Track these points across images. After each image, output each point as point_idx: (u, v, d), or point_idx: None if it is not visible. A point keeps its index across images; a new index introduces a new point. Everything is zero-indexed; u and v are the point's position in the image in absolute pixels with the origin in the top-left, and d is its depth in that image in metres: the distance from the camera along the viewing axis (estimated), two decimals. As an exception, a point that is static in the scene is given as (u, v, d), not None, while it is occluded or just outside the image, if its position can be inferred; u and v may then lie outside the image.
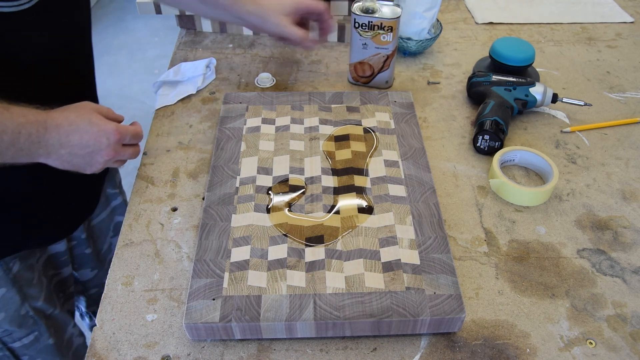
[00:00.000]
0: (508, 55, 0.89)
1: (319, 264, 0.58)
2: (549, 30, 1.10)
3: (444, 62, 0.99)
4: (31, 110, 0.57)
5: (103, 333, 0.57)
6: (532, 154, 0.75)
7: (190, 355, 0.55)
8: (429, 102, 0.89)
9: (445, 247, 0.60)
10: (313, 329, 0.54)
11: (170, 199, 0.71)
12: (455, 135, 0.82)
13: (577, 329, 0.57)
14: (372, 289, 0.56)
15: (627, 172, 0.77)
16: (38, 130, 0.56)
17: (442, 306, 0.54)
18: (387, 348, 0.56)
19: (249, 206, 0.65)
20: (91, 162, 0.62)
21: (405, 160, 0.71)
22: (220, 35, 1.07)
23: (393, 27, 0.83)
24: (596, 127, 0.84)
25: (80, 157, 0.60)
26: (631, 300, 0.60)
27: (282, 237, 0.61)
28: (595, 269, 0.64)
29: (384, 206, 0.65)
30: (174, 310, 0.59)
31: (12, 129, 0.54)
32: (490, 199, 0.72)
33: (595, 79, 0.95)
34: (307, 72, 0.96)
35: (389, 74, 0.90)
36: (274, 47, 1.03)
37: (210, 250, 0.60)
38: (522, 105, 0.82)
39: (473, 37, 1.07)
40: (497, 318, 0.58)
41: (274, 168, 0.70)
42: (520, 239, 0.67)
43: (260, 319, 0.53)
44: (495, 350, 0.55)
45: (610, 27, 1.11)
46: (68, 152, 0.59)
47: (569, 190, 0.74)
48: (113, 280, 0.62)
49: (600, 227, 0.69)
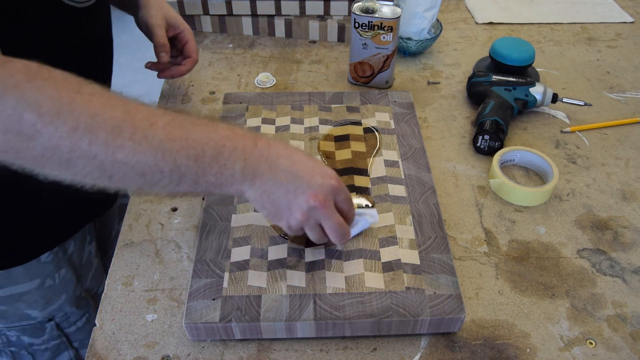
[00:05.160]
0: (508, 55, 0.89)
1: (319, 264, 0.58)
2: (549, 30, 1.10)
3: (444, 62, 0.99)
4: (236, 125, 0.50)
5: (103, 333, 0.57)
6: (532, 154, 0.75)
7: (190, 355, 0.55)
8: (429, 102, 0.89)
9: (445, 247, 0.60)
10: (313, 329, 0.54)
11: (170, 199, 0.71)
12: (455, 135, 0.82)
13: (577, 329, 0.57)
14: (372, 289, 0.56)
15: (627, 172, 0.77)
16: (245, 145, 0.48)
17: (442, 306, 0.54)
18: (387, 348, 0.56)
19: (249, 206, 0.65)
20: (292, 204, 0.49)
21: (405, 160, 0.71)
22: (220, 35, 1.07)
23: (393, 27, 0.83)
24: (596, 127, 0.84)
25: (284, 191, 0.49)
26: (631, 300, 0.60)
27: (282, 237, 0.61)
28: (595, 269, 0.64)
29: (383, 206, 0.65)
30: (174, 310, 0.59)
31: (217, 141, 0.46)
32: (490, 199, 0.72)
33: (595, 79, 0.95)
34: (307, 72, 0.96)
35: (389, 74, 0.90)
36: (274, 47, 1.03)
37: (210, 250, 0.60)
38: (522, 105, 0.82)
39: (473, 37, 1.07)
40: (497, 318, 0.58)
41: (274, 168, 0.70)
42: (520, 239, 0.67)
43: (260, 319, 0.53)
44: (495, 350, 0.55)
45: (610, 27, 1.11)
46: (272, 177, 0.49)
47: (569, 190, 0.74)
48: (113, 280, 0.62)
49: (600, 227, 0.69)
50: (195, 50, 0.78)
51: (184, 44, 0.78)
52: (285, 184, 0.49)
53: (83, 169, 0.43)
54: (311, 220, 0.51)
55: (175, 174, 0.45)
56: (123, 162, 0.43)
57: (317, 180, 0.50)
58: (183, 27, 0.78)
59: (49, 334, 0.78)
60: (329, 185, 0.50)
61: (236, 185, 0.48)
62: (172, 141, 0.45)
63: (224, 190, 0.48)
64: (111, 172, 0.44)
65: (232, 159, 0.47)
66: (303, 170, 0.50)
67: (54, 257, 0.72)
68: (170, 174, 0.45)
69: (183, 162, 0.45)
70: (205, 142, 0.46)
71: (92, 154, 0.42)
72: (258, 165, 0.48)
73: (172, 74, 0.79)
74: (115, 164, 0.43)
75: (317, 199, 0.49)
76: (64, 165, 0.42)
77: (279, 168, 0.49)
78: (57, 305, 0.76)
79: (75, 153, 0.42)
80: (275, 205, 0.50)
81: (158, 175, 0.45)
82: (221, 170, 0.47)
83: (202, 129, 0.47)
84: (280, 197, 0.49)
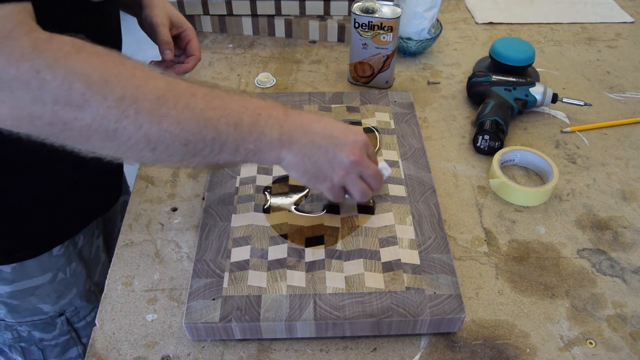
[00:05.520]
0: (508, 55, 0.89)
1: (319, 264, 0.58)
2: (549, 30, 1.10)
3: (444, 62, 0.99)
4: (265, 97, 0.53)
5: (103, 333, 0.57)
6: (532, 154, 0.75)
7: (190, 355, 0.55)
8: (429, 102, 0.89)
9: (445, 247, 0.60)
10: (313, 329, 0.54)
11: (170, 199, 0.71)
12: (455, 135, 0.82)
13: (577, 329, 0.57)
14: (372, 289, 0.56)
15: (627, 172, 0.77)
16: (278, 114, 0.51)
17: (442, 306, 0.54)
18: (387, 348, 0.56)
19: (249, 206, 0.65)
20: (333, 162, 0.53)
21: (405, 160, 0.71)
22: (220, 35, 1.07)
23: (393, 27, 0.83)
24: (596, 127, 0.84)
25: (323, 152, 0.52)
26: (631, 300, 0.60)
27: (282, 237, 0.61)
28: (595, 269, 0.64)
29: (384, 206, 0.65)
30: (174, 310, 0.59)
31: (252, 110, 0.49)
32: (490, 199, 0.72)
33: (595, 79, 0.95)
34: (307, 72, 0.96)
35: (389, 74, 0.90)
36: (274, 47, 1.03)
37: (210, 250, 0.60)
38: (522, 105, 0.82)
39: (473, 37, 1.07)
40: (497, 318, 0.58)
41: (274, 168, 0.70)
42: (520, 239, 0.67)
43: (260, 319, 0.53)
44: (495, 350, 0.55)
45: (610, 27, 1.11)
46: (310, 141, 0.52)
47: (569, 190, 0.74)
48: (113, 280, 0.62)
49: (600, 227, 0.69)
50: (198, 48, 0.79)
51: (186, 43, 0.79)
52: (323, 146, 0.52)
53: (128, 140, 0.44)
54: (352, 174, 0.54)
55: (217, 142, 0.48)
56: (168, 131, 0.45)
57: (351, 137, 0.54)
58: (186, 26, 0.79)
59: (59, 329, 0.79)
60: (362, 140, 0.55)
61: (275, 151, 0.51)
62: (213, 109, 0.47)
63: (262, 157, 0.51)
64: (155, 142, 0.45)
65: (268, 127, 0.50)
66: (336, 130, 0.54)
67: (65, 251, 0.72)
68: (212, 142, 0.47)
69: (224, 129, 0.47)
70: (243, 111, 0.49)
71: (138, 124, 0.43)
72: (293, 131, 0.51)
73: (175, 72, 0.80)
74: (160, 133, 0.45)
75: (354, 154, 0.53)
76: (109, 137, 0.43)
77: (314, 132, 0.52)
78: (68, 300, 0.77)
79: (122, 123, 0.43)
80: (317, 167, 0.53)
81: (201, 144, 0.47)
82: (260, 137, 0.50)
83: (238, 99, 0.50)
84: (321, 157, 0.52)
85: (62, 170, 0.65)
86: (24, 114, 0.41)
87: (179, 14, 0.79)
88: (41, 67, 0.40)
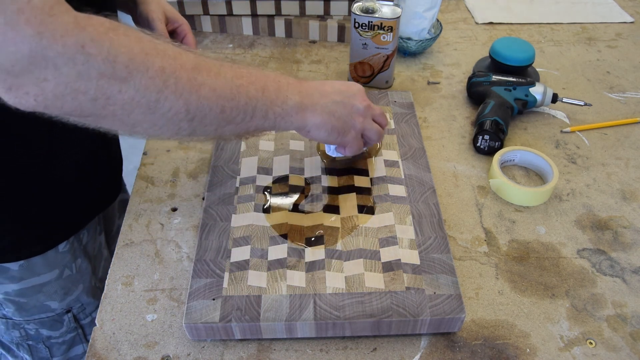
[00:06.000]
0: (508, 55, 0.89)
1: (319, 264, 0.58)
2: (549, 30, 1.10)
3: (444, 62, 0.99)
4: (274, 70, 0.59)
5: (103, 333, 0.57)
6: (532, 154, 0.75)
7: (190, 355, 0.55)
8: (429, 102, 0.89)
9: (445, 247, 0.60)
10: (313, 329, 0.54)
11: (170, 199, 0.71)
12: (455, 135, 0.82)
13: (577, 329, 0.57)
14: (372, 289, 0.56)
15: (627, 172, 0.77)
16: (294, 81, 0.56)
17: (442, 306, 0.54)
18: (387, 348, 0.56)
19: (249, 206, 0.65)
20: (352, 112, 0.60)
21: (405, 160, 0.71)
22: (220, 35, 1.07)
23: (393, 27, 0.83)
24: (596, 127, 0.84)
25: (341, 106, 0.59)
26: (631, 300, 0.60)
27: (282, 237, 0.61)
28: (595, 269, 0.64)
29: (384, 206, 0.65)
30: (174, 310, 0.59)
31: (273, 78, 0.54)
32: (490, 199, 0.72)
33: (595, 79, 0.95)
34: (307, 72, 0.96)
35: (389, 74, 0.90)
36: (274, 47, 1.03)
37: (210, 250, 0.60)
38: (522, 105, 0.82)
39: (473, 37, 1.07)
40: (497, 318, 0.58)
41: (274, 168, 0.70)
42: (520, 239, 0.67)
43: (260, 319, 0.53)
44: (495, 350, 0.55)
45: (610, 27, 1.11)
46: (329, 100, 0.58)
47: (569, 190, 0.74)
48: (113, 280, 0.62)
49: (600, 227, 0.69)
50: (193, 42, 0.80)
51: (182, 38, 0.80)
52: (339, 101, 0.59)
53: (168, 112, 0.46)
54: (368, 118, 0.62)
55: (250, 107, 0.51)
56: (206, 98, 0.48)
57: (354, 87, 0.61)
58: (181, 21, 0.80)
59: (66, 326, 0.79)
60: (362, 88, 0.63)
61: (300, 114, 0.56)
62: (241, 77, 0.51)
63: (288, 121, 0.55)
64: (194, 112, 0.47)
65: (290, 91, 0.55)
66: (342, 86, 0.61)
67: (70, 247, 0.73)
68: (245, 107, 0.51)
69: (254, 94, 0.51)
70: (265, 79, 0.53)
71: (178, 92, 0.45)
72: (312, 94, 0.57)
73: None
74: (199, 101, 0.47)
75: (364, 100, 0.61)
76: (151, 109, 0.45)
77: (327, 92, 0.58)
78: (75, 296, 0.77)
79: (164, 93, 0.45)
80: (342, 120, 0.59)
81: (235, 110, 0.50)
82: (285, 101, 0.54)
83: (257, 70, 0.54)
84: (342, 111, 0.59)
85: (64, 166, 0.66)
86: (67, 90, 0.41)
87: (173, 9, 0.80)
88: (86, 42, 0.40)
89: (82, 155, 0.69)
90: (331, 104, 0.58)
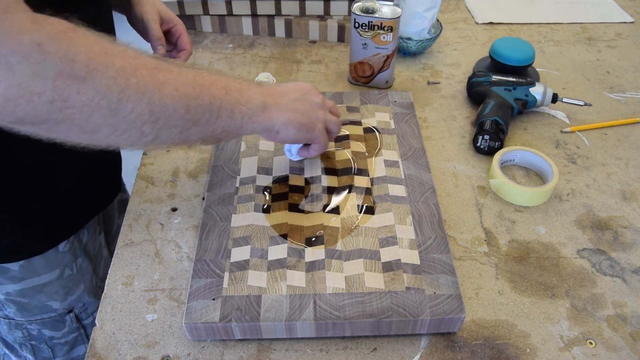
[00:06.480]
0: (508, 55, 0.89)
1: (319, 264, 0.58)
2: (549, 30, 1.10)
3: (444, 62, 0.99)
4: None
5: (103, 333, 0.57)
6: (532, 154, 0.75)
7: (190, 355, 0.55)
8: (429, 102, 0.89)
9: (445, 247, 0.60)
10: (313, 329, 0.54)
11: (170, 199, 0.71)
12: (455, 135, 0.82)
13: (577, 329, 0.57)
14: (372, 289, 0.56)
15: (627, 172, 0.77)
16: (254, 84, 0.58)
17: (442, 306, 0.54)
18: (387, 348, 0.56)
19: (249, 206, 0.65)
20: (313, 105, 0.61)
21: (405, 160, 0.71)
22: (220, 35, 1.07)
23: (393, 27, 0.83)
24: (596, 127, 0.84)
25: (301, 102, 0.60)
26: (631, 300, 0.60)
27: (282, 237, 0.61)
28: (595, 269, 0.64)
29: (384, 206, 0.65)
30: (174, 310, 0.59)
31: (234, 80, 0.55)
32: (490, 199, 0.72)
33: (595, 79, 0.95)
34: (307, 72, 0.96)
35: (389, 74, 0.90)
36: (274, 47, 1.03)
37: (210, 250, 0.60)
38: (522, 105, 0.82)
39: (473, 37, 1.07)
40: (497, 318, 0.58)
41: (274, 168, 0.70)
42: (520, 239, 0.67)
43: (260, 319, 0.53)
44: (495, 350, 0.55)
45: (610, 27, 1.11)
46: (290, 98, 0.59)
47: (569, 190, 0.74)
48: (113, 280, 0.62)
49: (600, 227, 0.69)
50: (188, 42, 0.80)
51: (177, 37, 0.80)
52: (298, 98, 0.60)
53: (131, 113, 0.44)
54: (326, 110, 0.64)
55: (215, 106, 0.50)
56: (169, 96, 0.46)
57: (305, 86, 0.63)
58: (176, 21, 0.80)
59: (68, 326, 0.79)
60: (312, 86, 0.64)
61: (266, 112, 0.56)
62: (202, 77, 0.51)
63: (256, 121, 0.55)
64: (158, 112, 0.46)
65: (252, 93, 0.55)
66: (293, 85, 0.62)
67: (70, 247, 0.73)
68: (210, 106, 0.50)
69: (217, 93, 0.51)
70: (227, 81, 0.53)
71: (141, 92, 0.44)
72: (272, 95, 0.58)
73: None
74: (162, 100, 0.46)
75: (317, 94, 0.63)
76: (112, 112, 0.43)
77: (284, 92, 0.60)
78: (76, 296, 0.77)
79: (126, 93, 0.43)
80: (306, 115, 0.60)
81: (200, 109, 0.49)
82: (250, 100, 0.54)
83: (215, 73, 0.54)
84: (303, 106, 0.60)
85: (63, 164, 0.66)
86: (21, 92, 0.39)
87: (168, 10, 0.80)
88: (43, 40, 0.38)
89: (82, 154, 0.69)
90: (292, 102, 0.59)
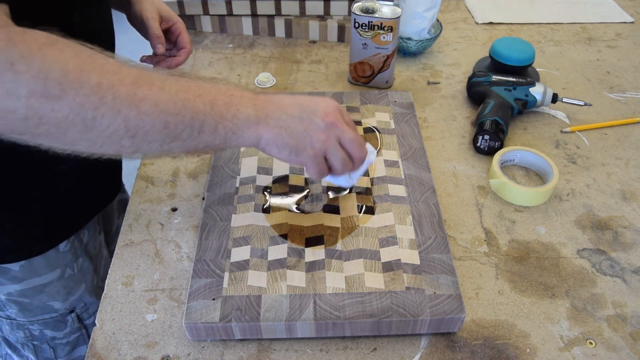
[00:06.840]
0: (508, 55, 0.89)
1: (319, 264, 0.58)
2: (549, 30, 1.10)
3: (444, 62, 0.99)
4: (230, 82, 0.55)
5: (103, 333, 0.57)
6: (532, 154, 0.75)
7: (190, 355, 0.55)
8: (429, 102, 0.89)
9: (445, 247, 0.60)
10: (313, 329, 0.54)
11: (170, 199, 0.71)
12: (455, 135, 0.82)
13: (577, 329, 0.57)
14: (372, 289, 0.56)
15: (627, 172, 0.77)
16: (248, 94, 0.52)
17: (442, 306, 0.54)
18: (387, 348, 0.56)
19: (249, 206, 0.65)
20: (310, 128, 0.52)
21: (405, 160, 0.71)
22: (220, 35, 1.07)
23: (393, 27, 0.83)
24: (596, 127, 0.84)
25: (298, 121, 0.52)
26: (631, 300, 0.60)
27: (282, 237, 0.61)
28: (595, 269, 0.64)
29: (384, 206, 0.65)
30: (174, 310, 0.59)
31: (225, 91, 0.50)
32: (490, 199, 0.72)
33: (595, 79, 0.95)
34: (307, 72, 0.96)
35: (389, 74, 0.90)
36: (274, 47, 1.03)
37: (210, 250, 0.60)
38: (522, 105, 0.82)
39: (473, 37, 1.07)
40: (497, 318, 0.58)
41: (274, 168, 0.70)
42: (520, 239, 0.67)
43: (260, 319, 0.53)
44: (495, 350, 0.55)
45: (610, 27, 1.11)
46: (283, 112, 0.52)
47: (569, 190, 0.74)
48: (113, 280, 0.62)
49: (600, 227, 0.69)
50: (188, 41, 0.80)
51: (177, 36, 0.80)
52: (297, 115, 0.52)
53: (107, 129, 0.43)
54: (331, 138, 0.53)
55: (197, 122, 0.47)
56: (147, 114, 0.44)
57: (322, 103, 0.54)
58: (175, 20, 0.79)
59: (70, 326, 0.79)
60: (334, 105, 0.55)
61: (252, 128, 0.51)
62: (187, 91, 0.47)
63: (241, 137, 0.51)
64: (135, 128, 0.44)
65: (242, 105, 0.50)
66: (306, 101, 0.54)
67: (71, 247, 0.73)
68: (192, 121, 0.47)
69: (201, 108, 0.48)
70: (215, 92, 0.49)
71: (116, 109, 0.43)
72: (266, 107, 0.52)
73: (168, 65, 0.80)
74: (139, 116, 0.44)
75: (329, 116, 0.53)
76: (87, 127, 0.43)
77: (286, 105, 0.53)
78: (78, 296, 0.78)
79: (100, 110, 0.42)
80: (295, 137, 0.52)
81: (180, 125, 0.47)
82: (237, 115, 0.50)
83: (208, 83, 0.51)
84: (297, 126, 0.52)
85: (64, 165, 0.66)
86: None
87: (167, 8, 0.80)
88: (15, 59, 0.38)
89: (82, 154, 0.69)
90: (286, 118, 0.52)
